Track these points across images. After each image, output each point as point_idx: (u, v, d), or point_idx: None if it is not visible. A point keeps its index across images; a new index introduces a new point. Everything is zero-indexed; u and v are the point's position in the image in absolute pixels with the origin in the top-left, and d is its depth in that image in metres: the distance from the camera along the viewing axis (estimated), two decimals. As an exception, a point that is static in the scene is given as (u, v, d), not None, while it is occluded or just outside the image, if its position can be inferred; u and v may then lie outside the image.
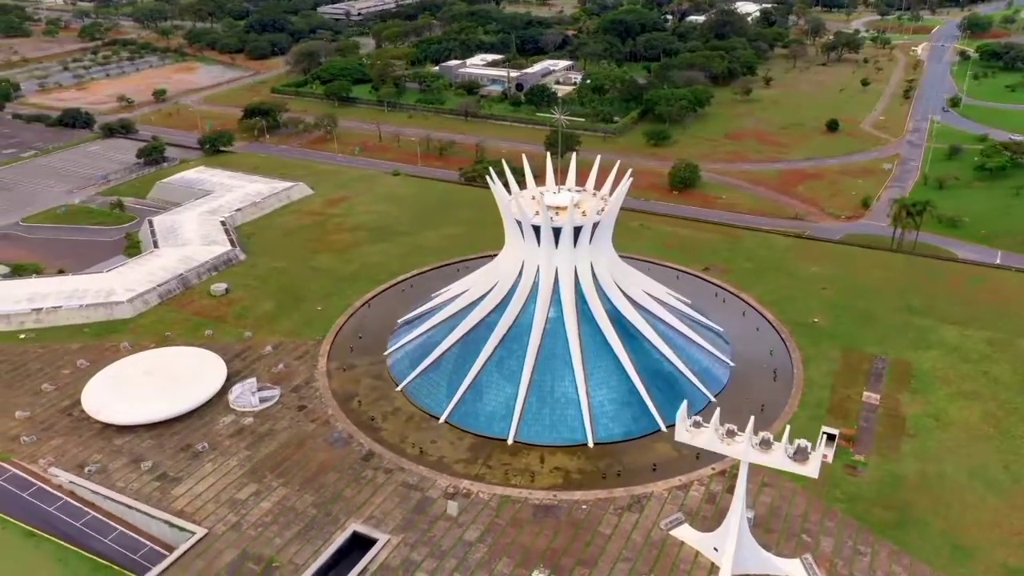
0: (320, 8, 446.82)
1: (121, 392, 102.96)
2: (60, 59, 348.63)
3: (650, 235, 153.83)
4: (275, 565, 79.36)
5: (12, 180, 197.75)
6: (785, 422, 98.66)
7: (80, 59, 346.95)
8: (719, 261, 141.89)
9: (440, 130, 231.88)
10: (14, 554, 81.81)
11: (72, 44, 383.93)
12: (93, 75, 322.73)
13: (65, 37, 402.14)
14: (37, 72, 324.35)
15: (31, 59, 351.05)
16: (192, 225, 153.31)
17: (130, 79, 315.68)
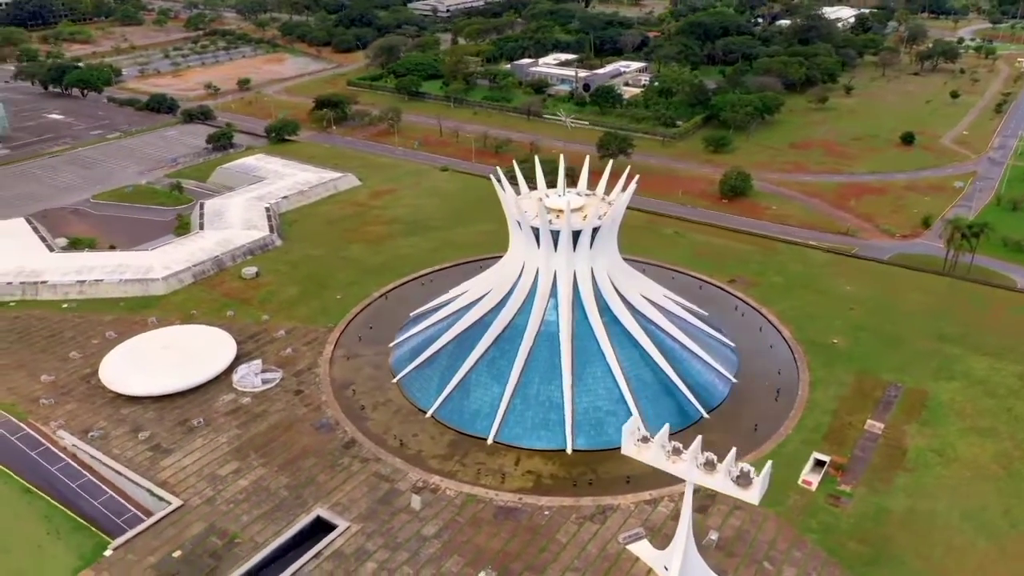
0: (411, 4, 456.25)
1: (136, 364, 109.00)
2: (163, 47, 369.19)
3: (683, 243, 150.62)
4: (236, 541, 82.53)
5: (94, 159, 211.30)
6: (776, 444, 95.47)
7: (180, 48, 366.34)
8: (748, 274, 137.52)
9: (501, 128, 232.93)
10: (5, 507, 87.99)
11: (177, 33, 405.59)
12: (190, 63, 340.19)
13: (172, 27, 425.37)
14: (140, 59, 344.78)
15: (138, 47, 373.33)
16: (238, 210, 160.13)
17: (222, 68, 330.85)
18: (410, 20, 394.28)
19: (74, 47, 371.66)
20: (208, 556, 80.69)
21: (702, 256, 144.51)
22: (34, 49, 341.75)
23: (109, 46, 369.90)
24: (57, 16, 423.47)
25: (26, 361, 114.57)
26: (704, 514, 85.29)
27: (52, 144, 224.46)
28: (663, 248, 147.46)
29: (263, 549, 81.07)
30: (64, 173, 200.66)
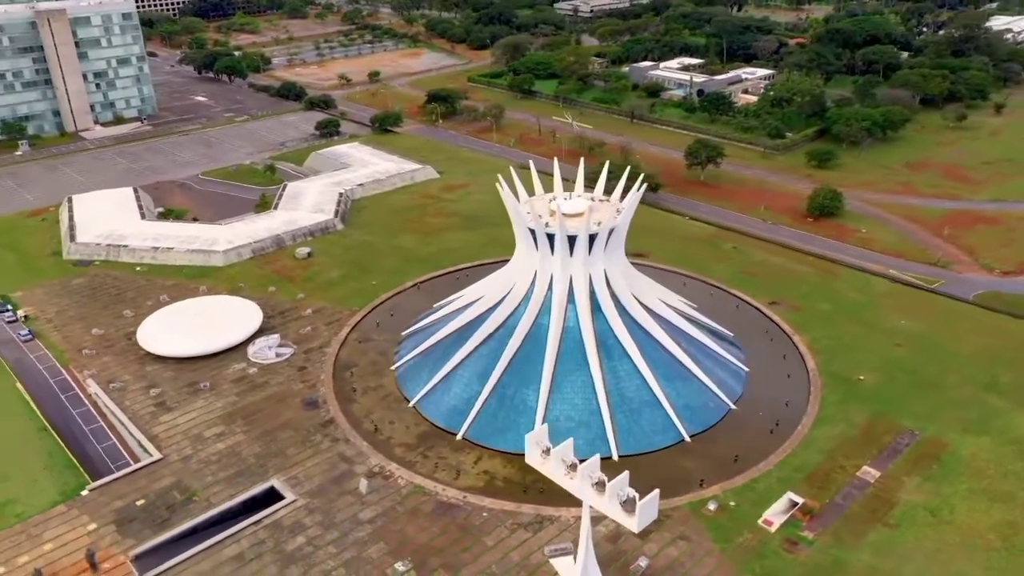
0: (556, 3, 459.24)
1: (169, 327, 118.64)
2: (316, 39, 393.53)
3: (738, 259, 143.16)
4: (194, 498, 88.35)
5: (217, 139, 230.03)
6: (750, 478, 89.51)
7: (331, 40, 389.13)
8: (795, 297, 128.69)
9: (602, 129, 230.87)
10: (19, 441, 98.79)
11: (334, 27, 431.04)
12: (335, 55, 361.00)
13: (331, 20, 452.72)
14: (293, 49, 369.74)
15: (296, 38, 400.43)
16: (313, 193, 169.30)
17: (362, 60, 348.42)
18: (548, 20, 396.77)
19: (241, 37, 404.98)
20: (165, 508, 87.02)
21: (753, 274, 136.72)
22: (204, 37, 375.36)
23: (271, 37, 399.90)
24: (235, 8, 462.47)
25: (87, 314, 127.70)
26: (644, 539, 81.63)
27: (188, 123, 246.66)
28: (713, 262, 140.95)
29: (214, 509, 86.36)
30: (187, 150, 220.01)
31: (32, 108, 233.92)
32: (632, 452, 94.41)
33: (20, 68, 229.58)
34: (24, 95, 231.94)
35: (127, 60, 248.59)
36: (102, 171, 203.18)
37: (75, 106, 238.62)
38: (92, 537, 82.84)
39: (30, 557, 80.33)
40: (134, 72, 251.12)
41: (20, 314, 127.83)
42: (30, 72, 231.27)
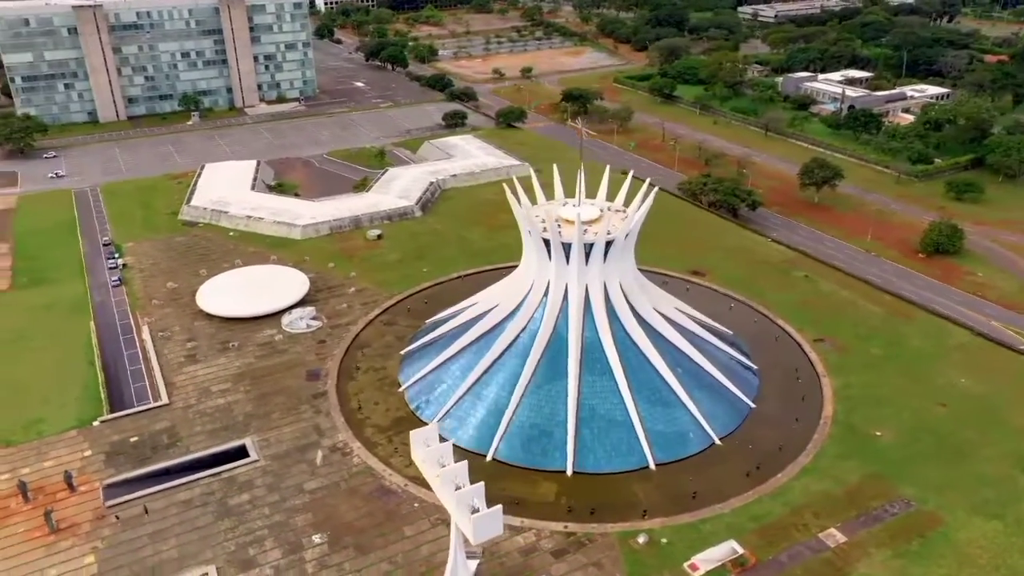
0: (740, 8, 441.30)
1: (225, 289, 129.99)
2: (489, 34, 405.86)
3: (803, 289, 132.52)
4: (177, 443, 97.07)
5: (356, 122, 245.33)
6: (699, 518, 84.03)
7: (502, 36, 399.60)
8: (848, 337, 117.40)
9: (732, 140, 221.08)
10: (66, 371, 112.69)
11: (512, 22, 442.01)
12: (500, 50, 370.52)
13: (512, 16, 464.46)
14: (463, 43, 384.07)
15: (472, 32, 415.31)
16: (406, 180, 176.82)
17: (524, 56, 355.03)
18: (723, 24, 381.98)
19: (424, 28, 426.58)
20: (150, 448, 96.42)
21: (812, 307, 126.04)
22: (387, 27, 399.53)
23: (450, 30, 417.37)
24: (426, 2, 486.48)
25: (171, 269, 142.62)
26: (558, 558, 79.42)
27: (338, 107, 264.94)
28: (775, 289, 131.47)
29: (187, 455, 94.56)
30: (326, 131, 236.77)
31: (209, 84, 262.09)
32: (588, 469, 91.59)
33: (203, 48, 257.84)
34: (204, 72, 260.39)
35: (294, 45, 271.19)
36: (248, 144, 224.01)
37: (244, 84, 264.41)
38: (82, 462, 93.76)
39: (30, 470, 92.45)
40: (299, 56, 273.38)
41: (120, 262, 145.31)
42: (210, 52, 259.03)
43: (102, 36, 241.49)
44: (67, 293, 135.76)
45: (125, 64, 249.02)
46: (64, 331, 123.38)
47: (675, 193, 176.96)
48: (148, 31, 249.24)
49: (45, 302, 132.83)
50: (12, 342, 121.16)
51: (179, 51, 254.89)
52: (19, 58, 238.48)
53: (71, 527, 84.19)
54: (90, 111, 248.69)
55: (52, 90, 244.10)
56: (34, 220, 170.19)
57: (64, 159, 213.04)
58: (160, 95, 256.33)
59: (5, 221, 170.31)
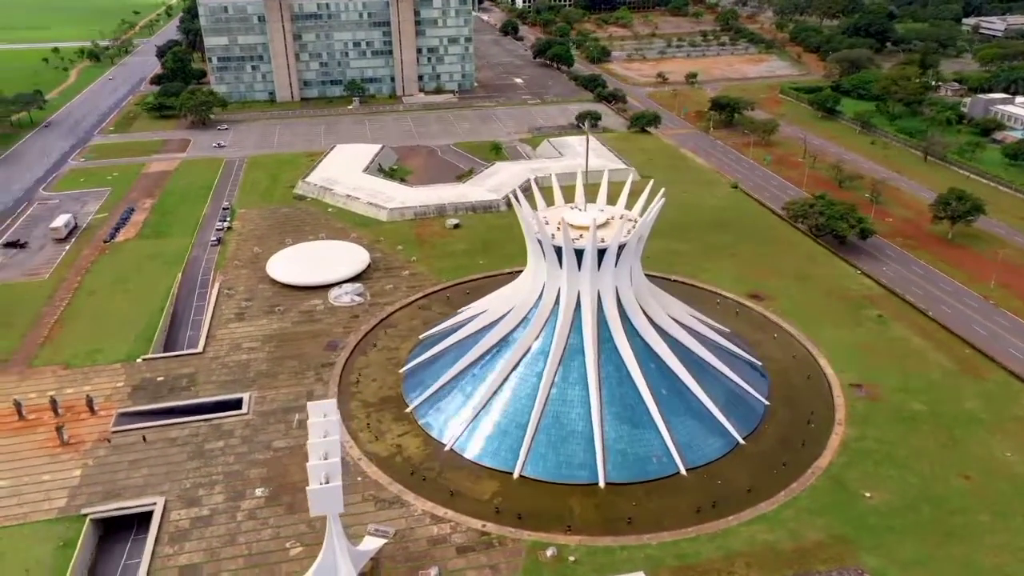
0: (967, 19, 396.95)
1: (294, 258, 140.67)
2: (671, 37, 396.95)
3: (867, 329, 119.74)
4: (191, 387, 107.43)
5: (496, 116, 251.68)
6: (622, 544, 79.93)
7: (684, 39, 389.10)
8: (890, 387, 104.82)
9: (881, 163, 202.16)
10: (141, 311, 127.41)
11: (706, 26, 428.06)
12: (676, 54, 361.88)
13: (706, 19, 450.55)
14: (641, 45, 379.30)
15: (659, 34, 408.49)
16: (504, 174, 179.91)
17: (699, 61, 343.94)
18: (934, 36, 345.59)
19: (612, 29, 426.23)
20: (168, 389, 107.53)
21: (868, 349, 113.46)
22: (567, 27, 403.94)
23: (634, 32, 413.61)
24: (621, 3, 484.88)
25: (265, 235, 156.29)
26: (460, 554, 79.28)
27: (487, 101, 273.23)
28: (834, 326, 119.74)
29: (194, 399, 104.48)
30: (465, 122, 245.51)
31: (376, 72, 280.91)
32: (533, 475, 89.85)
33: (372, 39, 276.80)
34: (372, 61, 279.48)
35: (456, 40, 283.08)
36: (389, 129, 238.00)
37: (406, 75, 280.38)
38: (111, 391, 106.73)
39: (73, 391, 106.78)
40: (460, 51, 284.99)
41: (226, 225, 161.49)
42: (379, 43, 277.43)
43: (285, 24, 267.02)
44: (173, 247, 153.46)
45: (303, 50, 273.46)
46: (155, 279, 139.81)
47: (777, 212, 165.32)
48: (326, 21, 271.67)
49: (152, 252, 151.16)
50: (113, 282, 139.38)
51: (351, 41, 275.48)
52: (217, 41, 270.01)
53: (77, 444, 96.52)
54: (270, 91, 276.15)
55: (241, 71, 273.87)
56: (183, 182, 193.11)
57: (233, 132, 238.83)
58: (331, 80, 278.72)
59: (161, 181, 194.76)
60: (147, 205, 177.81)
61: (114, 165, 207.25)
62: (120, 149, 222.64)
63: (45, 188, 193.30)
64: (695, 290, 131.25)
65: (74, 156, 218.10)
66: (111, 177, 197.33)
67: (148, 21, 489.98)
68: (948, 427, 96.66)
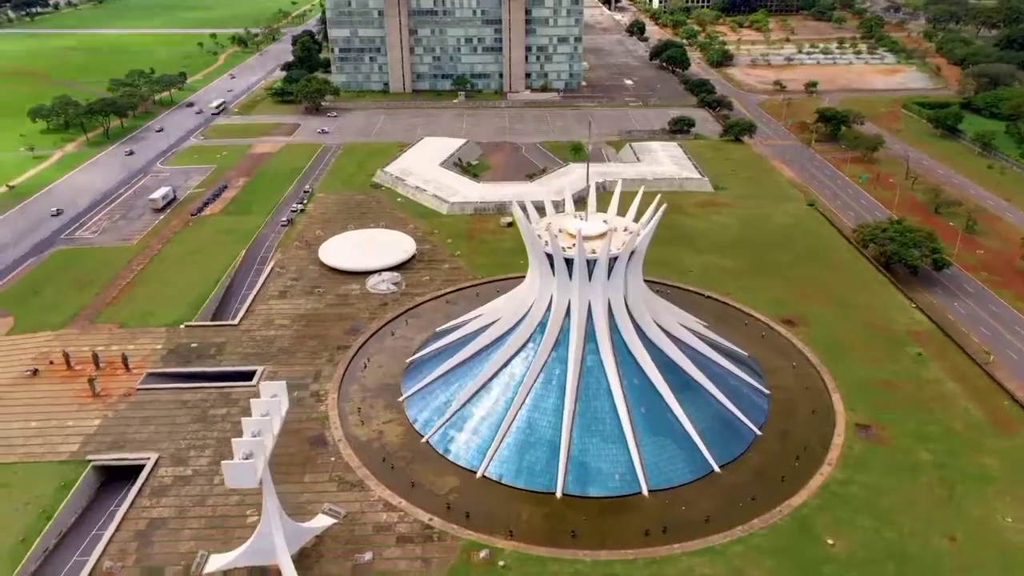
0: None
1: (345, 244, 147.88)
2: (803, 42, 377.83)
3: (900, 368, 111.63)
4: (217, 356, 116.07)
5: (597, 117, 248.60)
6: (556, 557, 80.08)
7: (817, 46, 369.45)
8: (902, 432, 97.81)
9: (994, 191, 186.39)
10: (197, 282, 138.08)
11: (849, 32, 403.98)
12: (804, 60, 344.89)
13: (849, 26, 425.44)
14: (772, 50, 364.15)
15: (794, 39, 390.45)
16: (574, 176, 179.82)
17: (827, 69, 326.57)
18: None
19: (745, 32, 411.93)
20: (195, 355, 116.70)
21: (893, 389, 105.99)
22: (693, 29, 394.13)
23: (764, 36, 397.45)
24: (762, 5, 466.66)
25: (332, 220, 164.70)
26: (399, 543, 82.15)
27: (590, 101, 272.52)
28: (865, 361, 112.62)
29: (213, 368, 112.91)
30: (560, 121, 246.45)
31: (485, 68, 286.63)
32: (494, 476, 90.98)
33: (484, 35, 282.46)
34: (482, 57, 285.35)
35: (566, 39, 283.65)
36: (484, 124, 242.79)
37: (514, 72, 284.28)
38: (149, 351, 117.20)
39: (118, 347, 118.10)
40: (569, 50, 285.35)
41: (299, 207, 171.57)
42: (490, 40, 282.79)
43: (402, 19, 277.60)
44: (248, 224, 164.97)
45: (418, 44, 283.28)
46: (223, 252, 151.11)
47: (847, 235, 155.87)
48: (441, 17, 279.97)
49: (229, 228, 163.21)
50: (189, 252, 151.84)
51: (463, 37, 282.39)
52: (340, 32, 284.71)
53: (105, 396, 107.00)
54: (385, 82, 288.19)
55: (359, 61, 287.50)
56: (280, 163, 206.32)
57: (340, 119, 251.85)
58: (442, 74, 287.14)
59: (261, 161, 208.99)
60: (240, 183, 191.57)
61: (225, 145, 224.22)
62: (236, 130, 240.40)
63: (162, 162, 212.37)
64: (726, 309, 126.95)
65: (195, 134, 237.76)
66: (220, 156, 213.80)
67: (302, 12, 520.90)
68: (951, 482, 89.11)
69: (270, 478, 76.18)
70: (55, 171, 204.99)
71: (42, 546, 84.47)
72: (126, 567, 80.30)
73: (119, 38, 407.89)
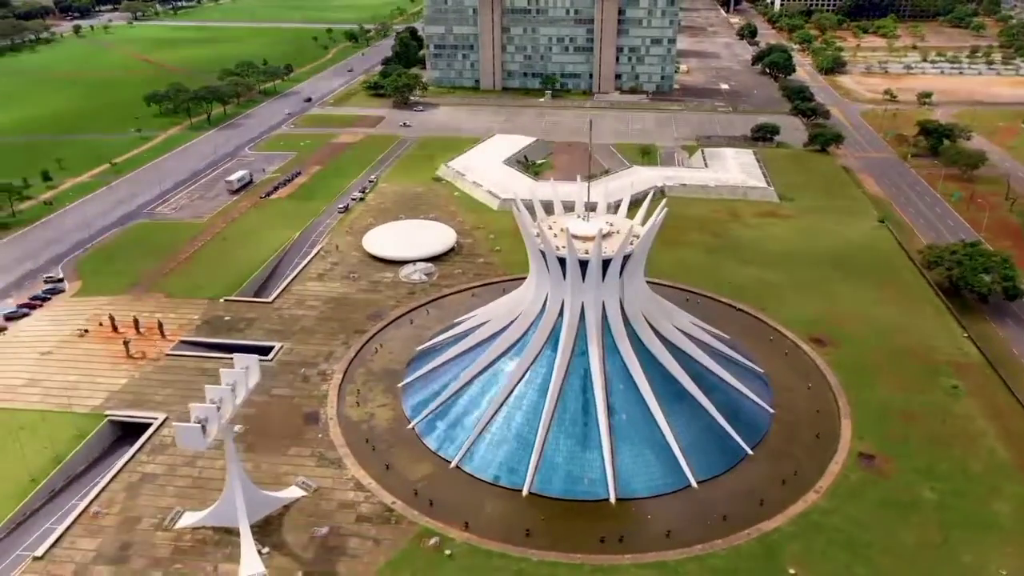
0: None
1: (388, 233, 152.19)
2: (930, 51, 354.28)
3: (929, 399, 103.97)
4: (243, 329, 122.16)
5: (675, 121, 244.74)
6: (502, 552, 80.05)
7: (944, 55, 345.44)
8: (910, 465, 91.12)
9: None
10: (249, 260, 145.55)
11: (988, 41, 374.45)
12: (930, 70, 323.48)
13: (988, 34, 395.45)
14: (892, 58, 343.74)
15: (921, 47, 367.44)
16: (634, 178, 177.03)
17: (949, 80, 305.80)
18: None
19: (869, 39, 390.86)
20: (226, 328, 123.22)
21: (913, 420, 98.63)
22: (807, 34, 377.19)
23: (887, 43, 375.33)
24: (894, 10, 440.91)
25: (388, 210, 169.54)
26: (357, 521, 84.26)
27: (677, 104, 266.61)
28: (893, 388, 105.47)
29: (236, 340, 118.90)
30: (638, 124, 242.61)
31: (575, 68, 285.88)
32: (467, 469, 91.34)
33: (576, 35, 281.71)
34: (572, 57, 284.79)
35: (660, 41, 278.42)
36: (564, 124, 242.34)
37: (604, 72, 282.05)
38: (186, 321, 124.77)
39: (161, 315, 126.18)
40: (663, 52, 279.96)
41: (359, 195, 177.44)
42: (582, 39, 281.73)
43: (495, 17, 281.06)
44: (309, 209, 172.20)
45: (510, 42, 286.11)
46: (278, 234, 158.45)
47: (911, 256, 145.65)
48: (534, 16, 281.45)
49: (290, 211, 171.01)
50: (245, 232, 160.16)
51: (555, 36, 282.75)
52: (435, 29, 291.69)
53: (138, 358, 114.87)
54: (476, 79, 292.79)
55: (453, 58, 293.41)
56: (356, 154, 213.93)
57: (425, 114, 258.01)
58: (532, 73, 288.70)
59: (338, 151, 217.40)
60: (313, 171, 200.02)
61: (311, 133, 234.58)
62: (324, 120, 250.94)
63: (250, 148, 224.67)
64: (755, 324, 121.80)
65: (287, 123, 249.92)
66: (303, 144, 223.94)
67: (418, 9, 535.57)
68: (950, 525, 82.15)
69: (233, 446, 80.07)
70: (155, 152, 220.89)
71: (48, 487, 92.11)
72: (110, 514, 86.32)
73: (245, 31, 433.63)
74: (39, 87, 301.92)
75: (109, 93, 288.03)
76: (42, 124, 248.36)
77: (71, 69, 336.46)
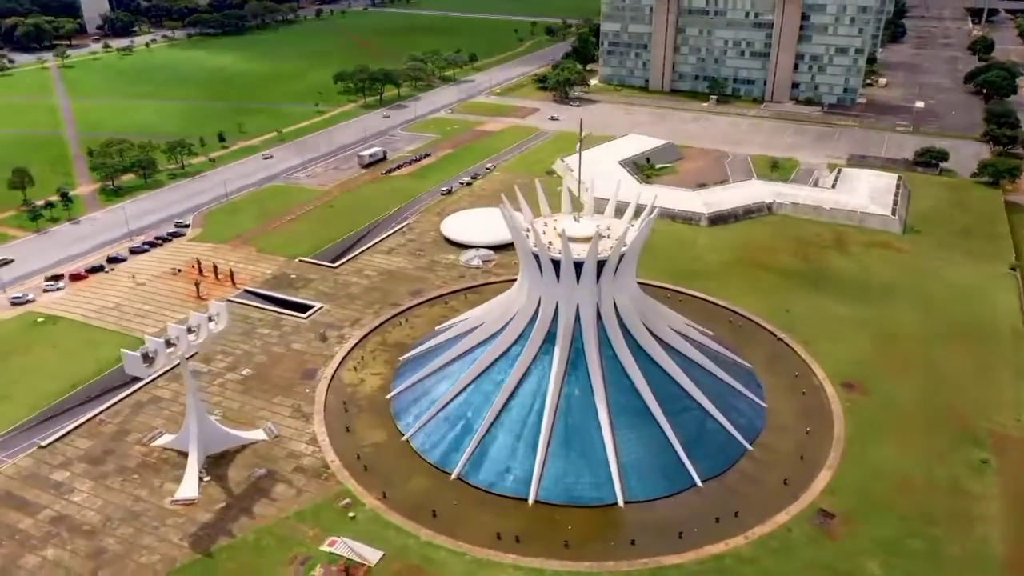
0: None
1: (467, 218, 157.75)
2: None
3: (951, 472, 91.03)
4: (300, 289, 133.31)
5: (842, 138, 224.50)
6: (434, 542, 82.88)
7: None
8: (890, 522, 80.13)
9: None
10: (343, 225, 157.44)
11: None
12: None
13: None
14: None
15: None
16: (746, 191, 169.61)
17: None
18: None
19: None
20: (288, 284, 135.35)
21: (901, 488, 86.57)
22: None
23: None
24: None
25: (487, 197, 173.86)
26: (292, 474, 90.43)
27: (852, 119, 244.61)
28: (915, 452, 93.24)
29: (291, 296, 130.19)
30: (797, 139, 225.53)
31: (750, 74, 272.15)
32: (417, 445, 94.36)
33: (753, 40, 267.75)
34: (747, 62, 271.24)
35: (846, 50, 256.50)
36: (713, 130, 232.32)
37: (779, 80, 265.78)
38: (256, 273, 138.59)
39: (244, 266, 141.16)
40: (848, 62, 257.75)
41: (466, 179, 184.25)
42: (759, 44, 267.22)
43: (670, 16, 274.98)
44: (418, 188, 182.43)
45: (684, 43, 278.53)
46: (378, 207, 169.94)
47: None
48: (711, 18, 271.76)
49: (400, 188, 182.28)
50: (356, 202, 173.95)
51: (732, 39, 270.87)
52: (611, 27, 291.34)
53: (205, 299, 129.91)
54: (645, 78, 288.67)
55: (625, 56, 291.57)
56: (491, 142, 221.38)
57: (581, 109, 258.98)
58: (704, 75, 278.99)
59: (477, 138, 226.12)
60: (442, 153, 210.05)
61: (461, 120, 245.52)
62: (480, 108, 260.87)
63: (403, 128, 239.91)
64: (786, 353, 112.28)
65: (445, 108, 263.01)
66: (449, 128, 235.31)
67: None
68: None
69: (193, 383, 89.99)
70: (323, 124, 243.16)
71: (85, 393, 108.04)
72: (111, 424, 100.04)
73: (463, 20, 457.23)
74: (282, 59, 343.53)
75: (315, 71, 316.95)
76: (241, 92, 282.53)
77: (298, 47, 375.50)
